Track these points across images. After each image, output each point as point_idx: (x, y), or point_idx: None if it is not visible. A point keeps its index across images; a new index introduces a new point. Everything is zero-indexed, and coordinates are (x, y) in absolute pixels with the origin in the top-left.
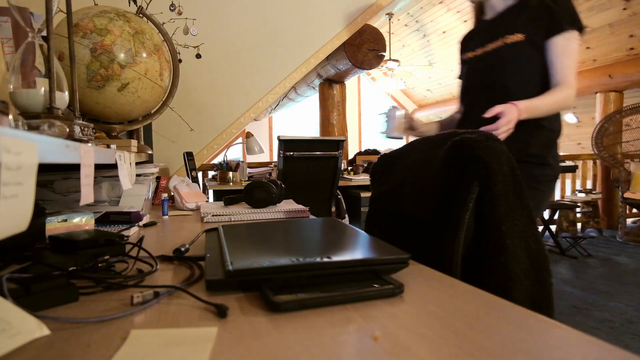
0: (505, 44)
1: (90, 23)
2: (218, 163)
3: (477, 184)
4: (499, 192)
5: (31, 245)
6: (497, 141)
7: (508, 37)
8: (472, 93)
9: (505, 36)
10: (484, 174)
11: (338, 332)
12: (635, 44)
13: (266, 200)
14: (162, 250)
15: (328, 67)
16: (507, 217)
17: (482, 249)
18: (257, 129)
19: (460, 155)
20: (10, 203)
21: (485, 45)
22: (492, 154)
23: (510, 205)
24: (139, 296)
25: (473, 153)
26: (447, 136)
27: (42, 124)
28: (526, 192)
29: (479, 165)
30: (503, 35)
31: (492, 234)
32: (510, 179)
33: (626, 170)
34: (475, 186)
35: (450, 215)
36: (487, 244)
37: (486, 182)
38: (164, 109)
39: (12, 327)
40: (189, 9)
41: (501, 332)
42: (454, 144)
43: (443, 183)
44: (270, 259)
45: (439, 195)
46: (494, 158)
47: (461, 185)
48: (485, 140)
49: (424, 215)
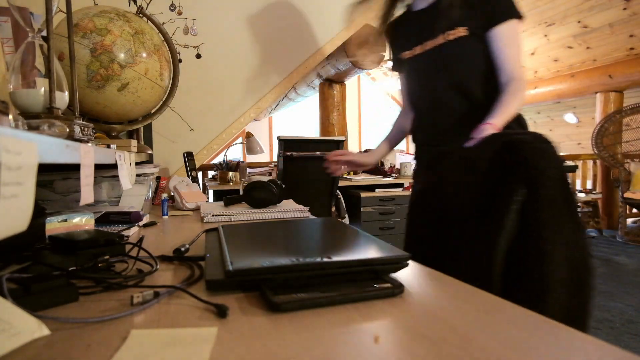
0: (448, 40)
1: (90, 23)
2: (218, 163)
3: (524, 186)
4: (545, 195)
5: (31, 245)
6: (547, 143)
7: (449, 33)
8: (419, 97)
9: (445, 32)
10: (531, 176)
11: (338, 332)
12: (635, 44)
13: (266, 200)
14: (162, 250)
15: (328, 67)
16: (552, 222)
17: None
18: (257, 129)
19: (509, 156)
20: (10, 203)
21: (424, 43)
22: (541, 156)
23: (557, 211)
24: (139, 296)
25: (521, 154)
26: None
27: (42, 124)
28: (574, 198)
29: (526, 167)
30: (443, 31)
31: (533, 237)
32: (559, 183)
33: (626, 170)
34: (521, 188)
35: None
36: (528, 247)
37: (533, 184)
38: (164, 109)
39: (12, 327)
40: (189, 9)
41: (501, 332)
42: (503, 145)
43: (489, 183)
44: (270, 259)
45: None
46: (543, 160)
47: (508, 186)
48: (535, 141)
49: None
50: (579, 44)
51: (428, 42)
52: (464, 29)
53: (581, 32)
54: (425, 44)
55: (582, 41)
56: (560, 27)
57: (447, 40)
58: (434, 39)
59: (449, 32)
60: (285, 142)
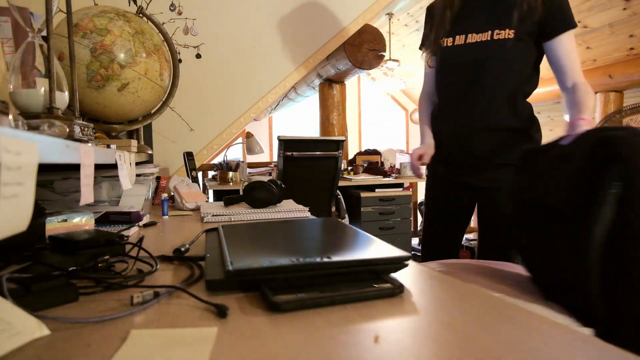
0: (493, 39)
1: (90, 23)
2: (218, 163)
3: (620, 180)
4: None
5: (31, 245)
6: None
7: (497, 32)
8: (452, 88)
9: (494, 29)
10: (627, 170)
11: (338, 332)
12: (635, 44)
13: (266, 200)
14: (162, 250)
15: (328, 67)
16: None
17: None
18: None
19: (605, 151)
20: (10, 203)
21: (469, 35)
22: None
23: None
24: (139, 296)
25: (616, 149)
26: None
27: (42, 124)
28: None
29: (621, 161)
30: (492, 28)
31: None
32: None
33: None
34: (617, 182)
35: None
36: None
37: (629, 178)
38: (164, 109)
39: (12, 327)
40: (189, 9)
41: (501, 332)
42: (599, 140)
43: (586, 178)
44: (270, 259)
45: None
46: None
47: (604, 181)
48: (633, 137)
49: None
50: (579, 44)
51: (473, 35)
52: (512, 32)
53: (581, 32)
54: (470, 36)
55: (582, 41)
56: None
57: (491, 39)
58: (481, 34)
59: (497, 30)
60: (285, 142)
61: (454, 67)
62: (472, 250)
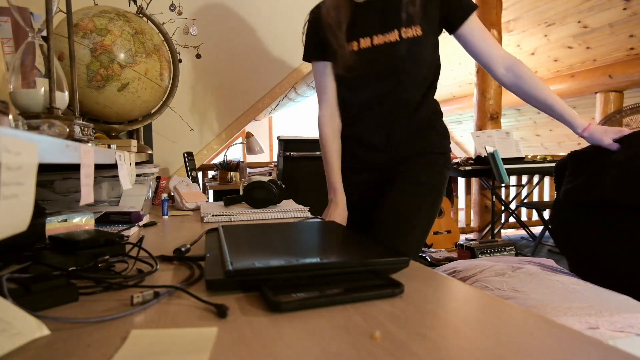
0: (402, 38)
1: (90, 23)
2: (218, 163)
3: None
4: None
5: (31, 245)
6: None
7: (404, 30)
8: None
9: (400, 28)
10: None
11: (338, 332)
12: (635, 44)
13: (266, 200)
14: (162, 250)
15: None
16: None
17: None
18: (257, 129)
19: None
20: (10, 203)
21: (374, 36)
22: None
23: None
24: (139, 296)
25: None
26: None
27: (42, 124)
28: None
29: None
30: (398, 27)
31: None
32: None
33: None
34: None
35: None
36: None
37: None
38: (164, 109)
39: (12, 327)
40: (189, 9)
41: (501, 332)
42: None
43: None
44: (270, 259)
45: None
46: None
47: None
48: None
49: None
50: (579, 44)
51: (380, 36)
52: (420, 29)
53: (581, 32)
54: (375, 37)
55: (582, 41)
56: (560, 27)
57: (400, 39)
58: (388, 34)
59: (404, 28)
60: (285, 142)
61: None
62: (472, 250)
